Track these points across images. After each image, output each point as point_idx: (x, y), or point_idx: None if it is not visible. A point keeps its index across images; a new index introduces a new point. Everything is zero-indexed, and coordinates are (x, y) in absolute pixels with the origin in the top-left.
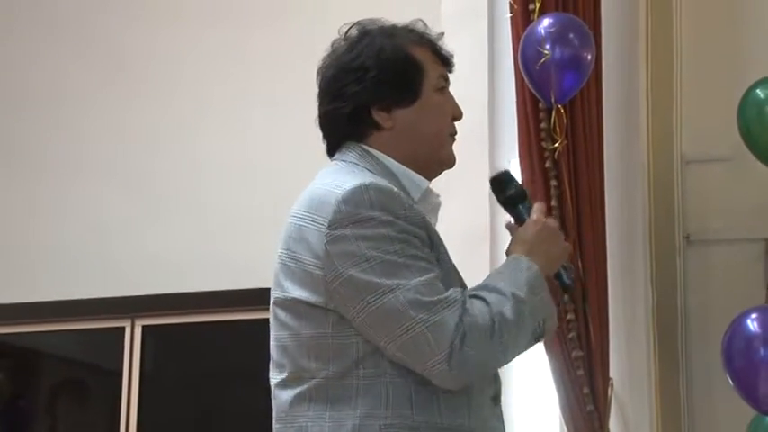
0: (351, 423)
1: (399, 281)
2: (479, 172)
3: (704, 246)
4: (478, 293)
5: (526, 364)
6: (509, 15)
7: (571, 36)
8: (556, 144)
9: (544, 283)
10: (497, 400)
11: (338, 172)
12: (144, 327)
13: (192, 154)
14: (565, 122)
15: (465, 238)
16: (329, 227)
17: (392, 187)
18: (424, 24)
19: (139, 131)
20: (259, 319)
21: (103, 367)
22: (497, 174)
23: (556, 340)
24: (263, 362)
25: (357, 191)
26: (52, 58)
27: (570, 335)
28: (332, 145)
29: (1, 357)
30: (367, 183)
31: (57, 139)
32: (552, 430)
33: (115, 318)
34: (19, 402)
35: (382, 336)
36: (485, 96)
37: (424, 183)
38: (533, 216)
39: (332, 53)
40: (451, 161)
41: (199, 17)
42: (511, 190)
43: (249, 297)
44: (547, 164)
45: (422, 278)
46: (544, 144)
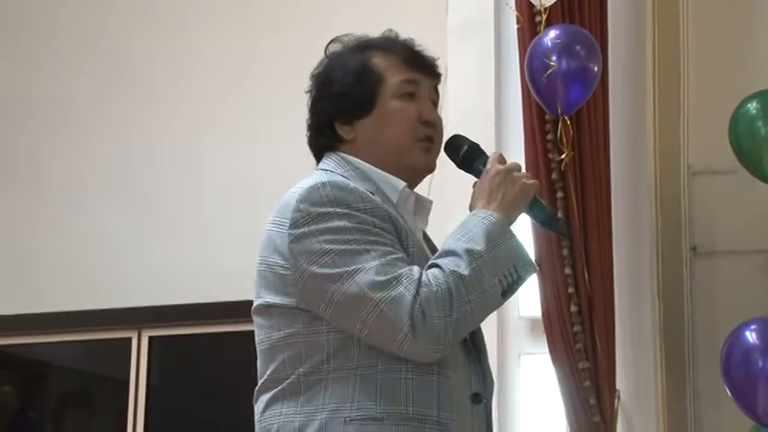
0: (319, 418)
1: (358, 266)
2: None
3: (711, 257)
4: (434, 261)
5: (533, 375)
6: (515, 27)
7: (578, 48)
8: (562, 155)
9: (507, 230)
10: (478, 400)
11: (309, 178)
12: (150, 338)
13: (196, 168)
14: (571, 134)
15: None
16: (290, 227)
17: (349, 183)
18: (396, 34)
19: (144, 146)
20: None
21: (110, 378)
22: (448, 139)
23: (562, 352)
24: None
25: (313, 189)
26: (56, 74)
27: (577, 346)
28: (316, 156)
29: (9, 369)
30: (323, 180)
31: (64, 154)
32: None
33: (122, 329)
34: (27, 414)
35: (354, 324)
36: (491, 108)
37: (401, 184)
38: (487, 166)
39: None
40: (425, 166)
41: (203, 34)
42: (463, 148)
43: None
44: (553, 175)
45: (382, 259)
46: (550, 155)
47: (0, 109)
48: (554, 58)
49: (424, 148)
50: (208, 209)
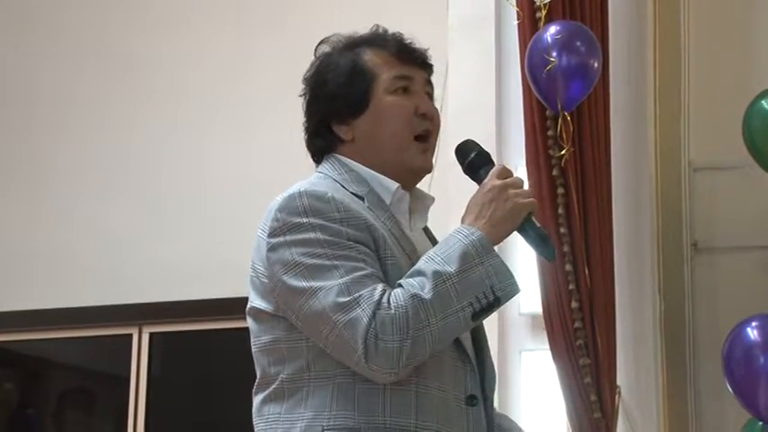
0: (300, 425)
1: (324, 283)
2: None
3: (712, 253)
4: (401, 281)
5: (533, 372)
6: (516, 23)
7: (578, 43)
8: (563, 151)
9: (488, 250)
10: (473, 401)
11: (299, 182)
12: (151, 334)
13: (197, 164)
14: (571, 130)
15: None
16: (269, 235)
17: (326, 191)
18: (385, 29)
19: (145, 143)
20: None
21: (111, 374)
22: (461, 143)
23: (563, 348)
24: None
25: (291, 198)
26: (58, 69)
27: (578, 342)
28: (315, 159)
29: (9, 365)
30: (302, 189)
31: (65, 151)
32: None
33: (123, 325)
34: (27, 410)
35: (319, 339)
36: (492, 104)
37: (393, 185)
38: (485, 179)
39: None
40: (423, 166)
41: (204, 28)
42: (472, 154)
43: None
44: (554, 171)
45: (347, 277)
46: (551, 151)
47: (2, 105)
48: (554, 54)
49: (421, 150)
50: (208, 205)
